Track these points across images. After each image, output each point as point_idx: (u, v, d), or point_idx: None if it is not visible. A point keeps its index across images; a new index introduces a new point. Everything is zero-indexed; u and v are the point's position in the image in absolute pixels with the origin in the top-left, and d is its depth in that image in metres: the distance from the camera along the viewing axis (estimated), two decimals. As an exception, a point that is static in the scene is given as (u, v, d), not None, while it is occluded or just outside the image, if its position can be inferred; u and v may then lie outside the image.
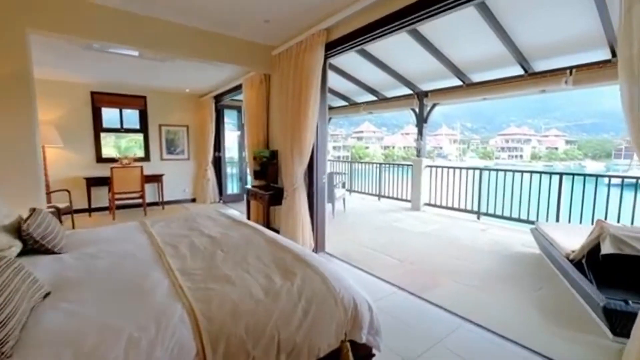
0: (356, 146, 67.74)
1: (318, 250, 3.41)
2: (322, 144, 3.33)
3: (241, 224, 2.02)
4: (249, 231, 1.85)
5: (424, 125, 5.90)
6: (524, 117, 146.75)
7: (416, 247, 3.73)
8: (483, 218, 5.14)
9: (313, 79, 3.00)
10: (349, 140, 72.24)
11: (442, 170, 5.85)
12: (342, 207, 5.82)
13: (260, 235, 1.77)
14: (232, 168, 7.00)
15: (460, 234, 4.29)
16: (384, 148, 68.18)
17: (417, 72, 5.56)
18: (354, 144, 68.36)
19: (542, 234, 3.25)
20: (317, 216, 3.37)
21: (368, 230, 4.53)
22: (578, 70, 3.95)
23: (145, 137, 5.96)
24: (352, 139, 73.92)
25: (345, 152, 64.53)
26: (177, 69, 4.61)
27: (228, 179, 6.91)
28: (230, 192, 6.85)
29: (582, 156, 72.76)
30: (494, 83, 4.80)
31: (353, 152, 64.34)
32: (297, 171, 3.21)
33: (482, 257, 3.41)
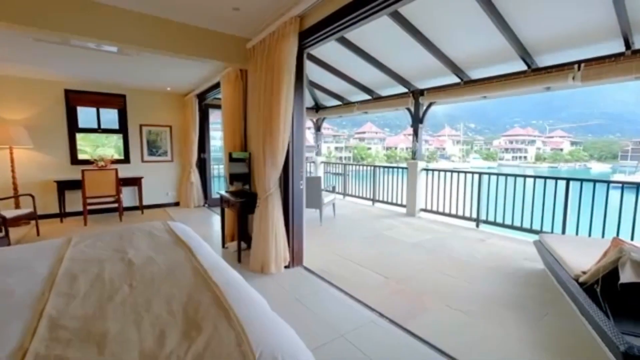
0: (358, 147, 67.39)
1: (294, 264, 3.05)
2: (299, 145, 2.98)
3: (179, 243, 1.68)
4: (180, 255, 1.51)
5: (420, 125, 5.53)
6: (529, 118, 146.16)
7: (406, 261, 3.37)
8: (482, 226, 4.76)
9: (285, 72, 2.65)
10: (351, 141, 71.99)
11: (438, 173, 5.48)
12: (332, 213, 5.46)
13: (190, 262, 1.43)
14: (218, 170, 6.67)
15: (457, 246, 3.91)
16: (386, 149, 67.78)
17: (412, 69, 5.20)
18: (356, 145, 68.04)
19: (547, 249, 2.87)
20: (294, 226, 3.02)
21: (356, 239, 4.17)
22: (587, 65, 3.57)
23: (124, 138, 5.65)
24: (354, 139, 73.66)
25: (347, 152, 64.35)
26: (155, 66, 4.29)
27: (214, 182, 6.58)
28: (215, 195, 6.52)
29: (587, 157, 71.95)
30: (495, 80, 4.42)
31: (355, 152, 64.08)
32: (270, 176, 2.87)
33: (479, 274, 3.03)
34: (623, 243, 1.91)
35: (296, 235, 3.04)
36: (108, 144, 5.86)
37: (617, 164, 60.05)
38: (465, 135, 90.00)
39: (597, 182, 3.68)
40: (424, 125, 5.58)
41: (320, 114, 7.94)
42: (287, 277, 2.84)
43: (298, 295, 2.50)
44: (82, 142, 5.42)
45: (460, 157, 70.91)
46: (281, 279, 2.79)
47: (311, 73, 6.42)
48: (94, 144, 5.77)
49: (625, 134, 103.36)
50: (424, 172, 5.61)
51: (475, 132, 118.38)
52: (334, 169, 8.00)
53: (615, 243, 1.94)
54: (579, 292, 2.10)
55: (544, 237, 3.07)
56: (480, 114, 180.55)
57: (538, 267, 3.18)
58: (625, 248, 1.71)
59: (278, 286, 2.65)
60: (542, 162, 68.81)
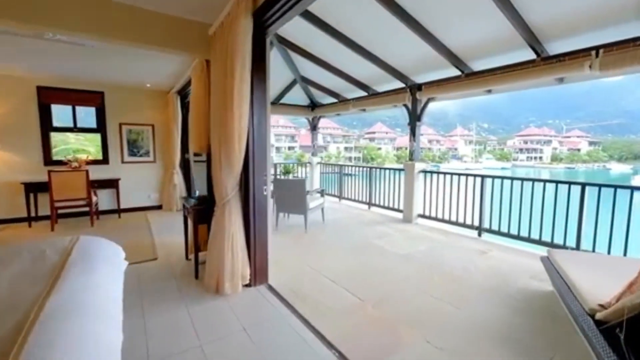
0: (368, 147, 66.60)
1: (257, 282, 2.65)
2: (262, 145, 2.58)
3: (55, 271, 1.30)
4: (34, 289, 1.13)
5: (418, 123, 5.05)
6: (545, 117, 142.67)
7: (390, 278, 2.92)
8: (485, 235, 4.25)
9: (238, 59, 2.26)
10: (361, 141, 71.29)
11: (437, 176, 4.98)
12: (320, 219, 5.04)
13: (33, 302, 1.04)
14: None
15: (453, 258, 3.43)
16: (396, 149, 66.76)
17: (408, 62, 4.74)
18: (366, 145, 67.30)
19: (557, 269, 2.38)
20: (256, 239, 2.61)
21: (340, 249, 3.74)
22: (607, 51, 3.05)
23: (103, 138, 5.37)
24: (364, 139, 72.93)
25: (357, 153, 63.71)
26: (123, 59, 3.98)
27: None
28: (202, 198, 6.18)
29: (607, 158, 69.27)
30: (499, 71, 3.92)
31: (365, 153, 63.36)
32: (227, 180, 2.47)
33: (473, 296, 2.56)
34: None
35: (259, 249, 2.64)
36: (90, 144, 5.60)
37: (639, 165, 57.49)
38: (478, 136, 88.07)
39: (618, 188, 3.14)
40: (422, 123, 5.09)
41: (316, 112, 7.53)
42: (244, 299, 2.44)
43: (247, 323, 2.09)
44: (57, 142, 5.17)
45: (472, 157, 69.29)
46: (235, 301, 2.39)
47: (304, 69, 6.04)
48: (80, 144, 5.52)
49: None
50: (422, 174, 5.12)
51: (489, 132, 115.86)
52: (332, 170, 7.57)
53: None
54: (595, 335, 1.63)
55: (553, 253, 2.57)
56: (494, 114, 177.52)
57: (546, 288, 2.69)
58: (661, 287, 1.23)
59: (228, 311, 2.25)
60: (559, 162, 66.59)
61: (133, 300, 2.40)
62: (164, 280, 2.78)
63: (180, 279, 2.82)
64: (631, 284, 1.56)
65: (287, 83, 6.55)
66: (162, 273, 2.95)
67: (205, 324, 2.09)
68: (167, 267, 3.10)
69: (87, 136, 5.51)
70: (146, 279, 2.83)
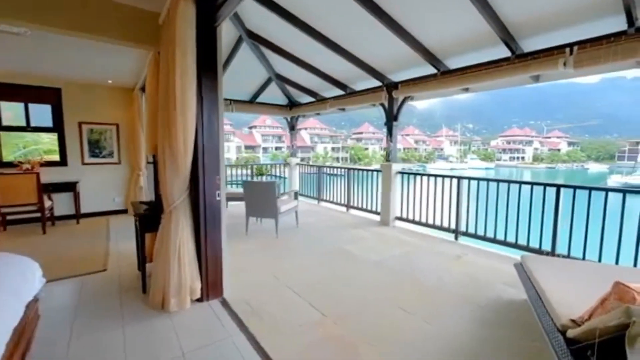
0: (355, 147, 66.73)
1: (209, 296, 2.40)
2: (212, 145, 2.33)
3: None
4: None
5: (394, 123, 4.89)
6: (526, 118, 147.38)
7: (357, 289, 2.72)
8: (462, 239, 4.12)
9: (179, 48, 2.02)
10: (349, 141, 71.41)
11: (414, 177, 4.84)
12: (294, 222, 4.81)
13: None
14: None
15: (427, 264, 3.27)
16: (383, 149, 67.15)
17: (383, 60, 4.59)
18: (353, 145, 67.44)
19: (530, 277, 2.24)
20: (208, 248, 2.37)
21: (311, 256, 3.53)
22: (581, 48, 2.95)
23: (60, 137, 4.98)
24: (351, 140, 73.08)
25: (344, 153, 63.77)
26: (85, 53, 3.65)
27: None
28: (171, 201, 5.86)
29: (585, 158, 71.82)
30: (474, 69, 3.80)
31: (352, 153, 63.46)
32: (173, 184, 2.22)
33: (443, 307, 2.39)
34: (629, 291, 1.27)
35: (212, 260, 2.39)
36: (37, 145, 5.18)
37: (615, 165, 59.79)
38: (463, 136, 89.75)
39: (592, 190, 3.04)
40: (399, 123, 4.94)
41: (294, 111, 7.30)
42: (191, 316, 2.19)
43: (188, 346, 1.85)
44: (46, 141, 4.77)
45: (457, 157, 70.46)
46: (181, 319, 2.14)
47: (279, 67, 5.80)
48: (52, 144, 5.11)
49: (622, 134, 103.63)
50: (400, 175, 4.97)
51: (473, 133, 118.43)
52: (310, 171, 7.34)
53: (619, 291, 1.30)
54: (565, 355, 1.47)
55: (526, 259, 2.43)
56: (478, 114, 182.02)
57: (520, 296, 2.55)
58: (635, 311, 1.07)
59: (170, 331, 2.00)
60: (540, 162, 68.56)
61: (63, 319, 2.12)
62: (107, 295, 2.50)
63: (126, 293, 2.54)
64: (603, 299, 1.41)
65: (262, 81, 6.30)
66: (107, 286, 2.66)
67: (139, 347, 1.83)
68: (116, 279, 2.81)
69: (43, 137, 5.11)
70: (87, 293, 2.54)
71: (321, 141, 62.74)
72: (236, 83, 6.24)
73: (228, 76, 5.80)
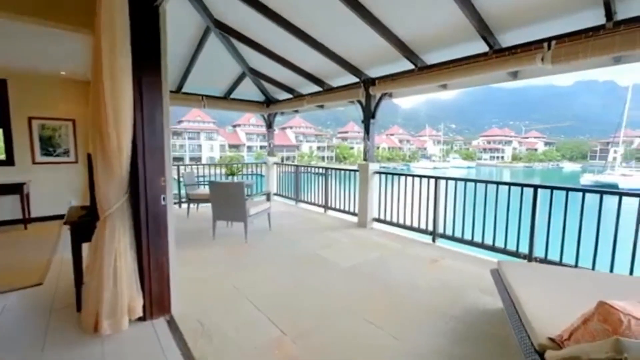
0: (340, 146, 66.74)
1: (154, 314, 2.11)
2: (156, 142, 2.04)
3: None
4: None
5: (372, 121, 4.70)
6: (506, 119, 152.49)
7: (327, 300, 2.50)
8: (440, 241, 3.97)
9: (106, 28, 1.72)
10: (334, 140, 71.38)
11: (392, 177, 4.66)
12: (267, 225, 4.54)
13: None
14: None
15: (402, 270, 3.09)
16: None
17: (361, 55, 4.39)
18: (339, 145, 67.45)
19: (506, 286, 2.07)
20: (151, 260, 2.08)
21: (279, 263, 3.28)
22: (559, 43, 2.83)
23: (6, 134, 4.50)
24: (337, 139, 73.08)
25: (329, 152, 63.67)
26: (29, 40, 3.24)
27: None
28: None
29: (560, 157, 74.85)
30: (453, 65, 3.65)
31: (337, 152, 63.45)
32: (107, 187, 1.92)
33: (416, 319, 2.20)
34: (614, 312, 1.09)
35: (156, 273, 2.10)
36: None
37: (587, 164, 62.54)
38: (445, 136, 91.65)
39: (570, 191, 2.94)
40: (377, 121, 4.75)
41: (272, 108, 7.01)
42: (127, 340, 1.90)
43: (114, 382, 1.57)
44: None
45: (440, 157, 71.77)
46: (114, 345, 1.85)
47: (252, 61, 5.50)
48: None
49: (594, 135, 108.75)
50: (377, 175, 4.78)
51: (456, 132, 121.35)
52: (287, 171, 7.07)
53: (604, 312, 1.12)
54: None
55: (503, 265, 2.27)
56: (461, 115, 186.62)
57: (497, 304, 2.39)
58: (626, 345, 0.88)
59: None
60: (518, 161, 70.83)
61: (-30, 350, 1.78)
62: (34, 315, 2.16)
63: (57, 312, 2.21)
64: (586, 319, 1.23)
65: (235, 76, 5.98)
66: (38, 304, 2.32)
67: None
68: (50, 295, 2.46)
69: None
70: (10, 313, 2.20)
71: (306, 140, 62.43)
72: (207, 78, 5.89)
73: (197, 70, 5.47)
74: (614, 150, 43.58)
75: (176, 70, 5.45)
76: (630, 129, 54.66)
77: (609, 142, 52.19)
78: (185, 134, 47.85)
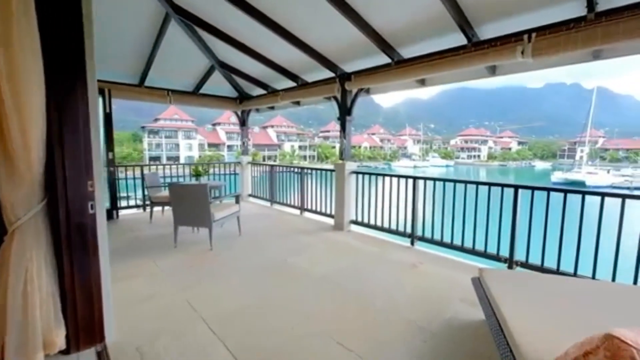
0: (322, 145, 66.58)
1: (81, 345, 1.76)
2: (75, 138, 1.68)
3: None
4: None
5: (348, 118, 4.46)
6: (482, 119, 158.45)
7: (293, 316, 2.22)
8: (419, 244, 3.78)
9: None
10: (316, 139, 71.19)
11: (369, 177, 4.45)
12: (236, 229, 4.20)
13: None
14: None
15: (378, 277, 2.86)
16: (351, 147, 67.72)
17: (336, 48, 4.15)
18: (320, 144, 67.30)
19: (489, 297, 1.87)
20: (75, 281, 1.72)
21: (244, 274, 2.96)
22: (539, 35, 2.68)
23: None
24: (318, 138, 72.92)
25: (311, 151, 63.38)
26: None
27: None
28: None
29: (532, 156, 78.31)
30: (430, 59, 3.46)
31: (319, 151, 63.27)
32: (12, 195, 1.55)
33: (391, 338, 1.96)
34: (627, 349, 0.88)
35: (83, 296, 1.75)
36: None
37: (557, 162, 65.74)
38: (425, 135, 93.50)
39: (551, 191, 2.81)
40: (353, 118, 4.52)
41: (245, 105, 6.64)
42: (39, 383, 1.54)
43: None
44: None
45: (420, 156, 73.20)
46: (19, 391, 1.49)
47: (222, 54, 5.13)
48: None
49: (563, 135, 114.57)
50: (354, 175, 4.55)
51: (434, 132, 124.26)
52: (262, 171, 6.73)
53: (612, 347, 0.91)
54: None
55: (484, 274, 2.07)
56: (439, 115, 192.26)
57: (478, 316, 2.19)
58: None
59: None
60: (494, 160, 73.44)
61: None
62: None
63: (-39, 347, 1.80)
64: (587, 352, 1.01)
65: (204, 70, 5.58)
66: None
67: None
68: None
69: None
70: None
71: (288, 139, 61.92)
72: (172, 70, 5.46)
73: (161, 62, 5.03)
74: (581, 149, 45.98)
75: (137, 61, 5.00)
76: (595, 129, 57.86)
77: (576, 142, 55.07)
78: (162, 133, 46.11)
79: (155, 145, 45.54)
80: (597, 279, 2.49)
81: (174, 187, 3.54)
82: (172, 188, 3.55)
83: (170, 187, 3.55)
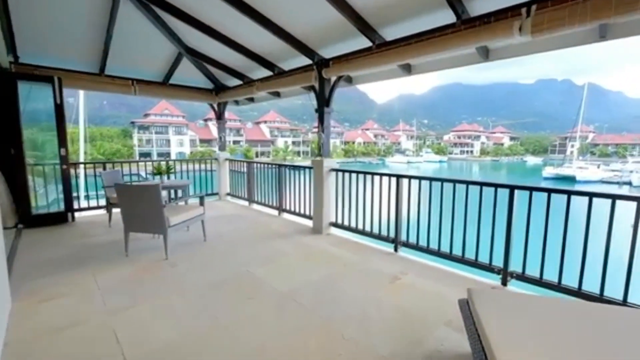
0: (315, 141, 65.92)
1: None
2: None
3: None
4: None
5: (326, 109, 4.01)
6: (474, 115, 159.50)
7: (246, 348, 1.79)
8: (403, 250, 3.38)
9: None
10: (310, 135, 70.49)
11: (349, 175, 4.02)
12: (201, 234, 3.75)
13: None
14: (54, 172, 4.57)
15: (353, 293, 2.45)
16: (344, 143, 67.22)
17: (311, 30, 3.70)
18: (314, 139, 66.72)
19: (479, 330, 1.47)
20: None
21: (197, 290, 2.52)
22: (540, 7, 2.26)
23: None
24: (312, 133, 72.23)
25: (305, 147, 62.72)
26: None
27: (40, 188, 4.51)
28: (43, 209, 4.47)
29: (523, 151, 78.92)
30: (415, 40, 3.03)
31: (312, 147, 62.64)
32: None
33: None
34: None
35: None
36: None
37: (548, 157, 66.22)
38: (418, 131, 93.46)
39: (552, 192, 2.41)
40: (332, 109, 4.07)
41: (221, 97, 6.15)
42: None
43: None
44: None
45: (414, 151, 73.08)
46: None
47: (190, 39, 4.62)
48: None
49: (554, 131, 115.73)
50: (334, 173, 4.12)
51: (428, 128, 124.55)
52: (238, 168, 6.25)
53: None
54: None
55: (474, 296, 1.67)
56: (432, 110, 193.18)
57: (466, 347, 1.79)
58: None
59: None
60: (486, 155, 73.78)
61: None
62: None
63: None
64: None
65: (170, 57, 5.07)
66: None
67: None
68: None
69: None
70: None
71: (281, 135, 61.27)
72: (134, 59, 4.95)
73: (119, 49, 4.51)
74: (572, 144, 46.22)
75: (92, 47, 4.47)
76: (585, 125, 58.30)
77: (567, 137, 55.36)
78: (152, 128, 45.04)
79: (146, 141, 44.48)
80: (606, 297, 2.11)
81: (119, 187, 3.07)
82: (120, 189, 3.08)
83: (116, 188, 3.07)
